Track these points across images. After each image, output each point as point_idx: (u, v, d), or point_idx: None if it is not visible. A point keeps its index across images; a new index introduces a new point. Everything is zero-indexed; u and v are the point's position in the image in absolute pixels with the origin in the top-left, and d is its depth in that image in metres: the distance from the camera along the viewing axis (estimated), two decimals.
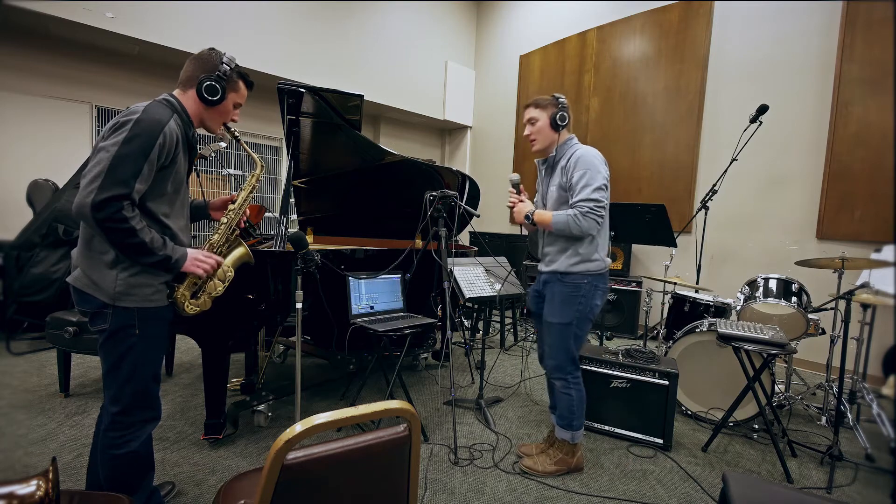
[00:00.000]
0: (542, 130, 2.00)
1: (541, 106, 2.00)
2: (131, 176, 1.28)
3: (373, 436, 0.88)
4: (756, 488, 1.24)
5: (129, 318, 1.38)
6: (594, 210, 1.83)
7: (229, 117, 1.58)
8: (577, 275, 1.96)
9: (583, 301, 1.97)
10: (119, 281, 1.36)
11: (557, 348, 2.02)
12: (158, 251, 1.35)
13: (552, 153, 2.03)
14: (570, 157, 1.95)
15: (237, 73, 1.54)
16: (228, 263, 1.62)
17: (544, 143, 2.01)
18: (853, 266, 2.44)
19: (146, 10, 4.03)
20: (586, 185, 1.85)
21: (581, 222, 1.83)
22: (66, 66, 4.30)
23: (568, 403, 2.04)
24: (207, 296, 1.56)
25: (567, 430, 2.07)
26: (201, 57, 1.50)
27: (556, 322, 2.00)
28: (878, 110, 3.46)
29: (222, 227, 1.63)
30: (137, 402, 1.45)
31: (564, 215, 1.88)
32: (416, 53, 6.41)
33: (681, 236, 3.83)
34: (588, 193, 1.84)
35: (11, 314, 3.48)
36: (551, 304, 2.03)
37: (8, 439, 2.17)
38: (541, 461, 2.10)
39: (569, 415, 2.05)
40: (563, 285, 1.99)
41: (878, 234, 3.44)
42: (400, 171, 3.00)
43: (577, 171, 1.88)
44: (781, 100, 3.88)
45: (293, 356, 3.46)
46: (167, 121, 1.36)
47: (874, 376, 2.95)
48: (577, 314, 1.97)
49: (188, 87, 1.48)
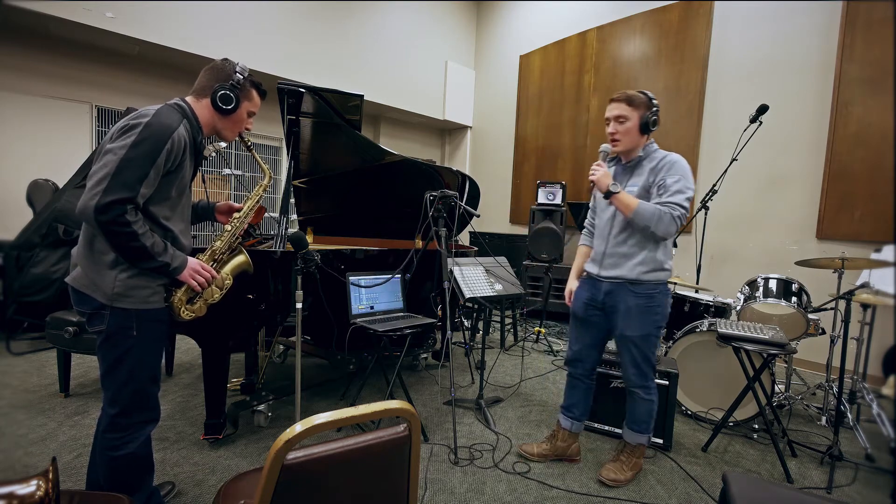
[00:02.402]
0: (629, 132, 1.86)
1: (633, 104, 1.84)
2: (137, 180, 1.28)
3: (373, 436, 0.88)
4: (756, 488, 1.24)
5: (126, 320, 1.38)
6: (683, 218, 1.75)
7: (243, 126, 1.61)
8: (650, 284, 1.88)
9: (659, 311, 1.91)
10: (117, 282, 1.36)
11: (642, 361, 1.95)
12: (158, 256, 1.35)
13: (634, 156, 1.92)
14: (661, 158, 1.86)
15: (250, 83, 1.56)
16: (227, 271, 1.63)
17: (629, 144, 1.89)
18: (853, 266, 2.44)
19: (146, 10, 4.03)
20: (680, 190, 1.77)
21: (668, 222, 1.74)
22: (66, 66, 4.31)
23: (649, 410, 2.01)
24: (203, 302, 1.56)
25: (644, 434, 2.05)
26: (216, 67, 1.52)
27: (638, 335, 1.92)
28: (878, 110, 3.46)
29: (226, 234, 1.65)
30: (136, 404, 1.44)
31: (654, 207, 1.76)
32: (416, 53, 6.41)
33: (681, 236, 3.83)
34: (682, 199, 1.76)
35: (11, 314, 3.48)
36: (628, 317, 1.92)
37: (8, 439, 2.17)
38: (618, 470, 2.04)
39: (648, 419, 2.02)
40: (637, 297, 1.89)
41: (878, 234, 3.44)
42: (400, 171, 3.00)
43: (673, 173, 1.80)
44: (781, 100, 3.88)
45: (293, 356, 3.45)
46: (177, 126, 1.36)
47: (874, 376, 2.95)
48: (655, 324, 1.91)
49: (202, 96, 1.50)
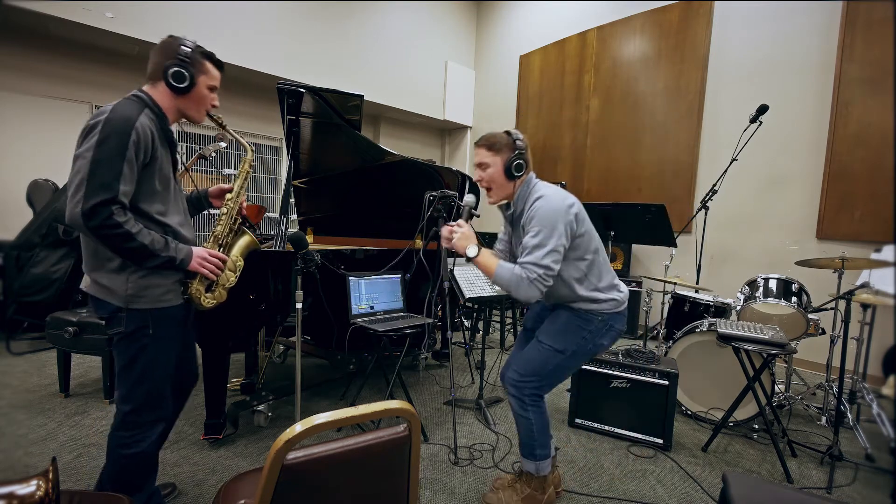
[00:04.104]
0: (494, 179, 1.70)
1: (493, 149, 1.68)
2: (113, 179, 1.26)
3: (373, 436, 0.88)
4: (756, 488, 1.24)
5: (143, 320, 1.39)
6: (542, 278, 1.54)
7: (208, 102, 1.50)
8: (591, 312, 1.71)
9: (587, 337, 1.71)
10: (130, 284, 1.36)
11: (530, 364, 1.73)
12: (161, 252, 1.35)
13: (512, 207, 1.76)
14: (528, 208, 1.66)
15: (201, 54, 1.44)
16: (236, 253, 1.62)
17: (500, 193, 1.74)
18: (853, 266, 2.44)
19: (146, 10, 4.03)
20: (538, 245, 1.56)
21: (525, 287, 1.55)
22: (66, 66, 4.30)
23: (527, 428, 1.74)
24: (222, 288, 1.56)
25: (530, 459, 1.76)
26: (161, 46, 1.42)
27: (548, 344, 1.72)
28: (878, 110, 3.46)
29: (223, 217, 1.62)
30: (148, 403, 1.45)
31: (510, 271, 1.58)
32: (416, 53, 6.41)
33: (681, 236, 3.82)
34: (539, 258, 1.55)
35: (11, 314, 3.48)
36: (550, 325, 1.76)
37: (8, 439, 2.17)
38: (506, 497, 1.79)
39: (529, 441, 1.75)
40: (573, 313, 1.73)
41: (878, 234, 3.45)
42: (400, 171, 3.00)
43: (533, 226, 1.60)
44: (781, 100, 3.88)
45: (293, 356, 3.45)
46: (137, 116, 1.31)
47: (874, 376, 2.95)
48: (576, 347, 1.71)
49: (157, 80, 1.42)
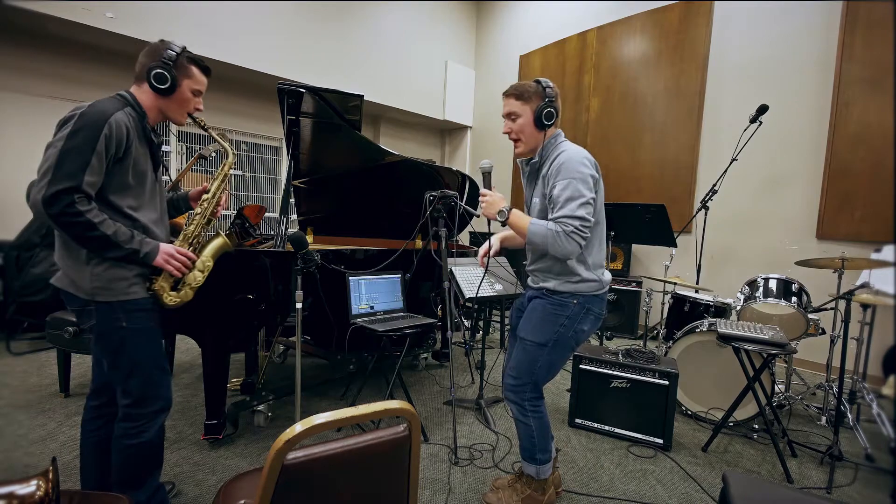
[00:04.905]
0: (524, 129, 1.65)
1: (523, 97, 1.63)
2: (79, 169, 1.27)
3: (373, 436, 0.88)
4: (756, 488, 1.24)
5: (112, 313, 1.38)
6: (579, 230, 1.49)
7: (190, 106, 1.53)
8: (567, 294, 1.66)
9: (566, 323, 1.66)
10: (94, 276, 1.36)
11: (521, 366, 1.72)
12: (125, 244, 1.34)
13: (536, 157, 1.71)
14: (553, 160, 1.61)
15: (188, 59, 1.48)
16: (207, 254, 1.62)
17: (529, 144, 1.68)
18: (853, 266, 2.44)
19: (146, 10, 4.03)
20: (570, 198, 1.51)
21: (563, 242, 1.49)
22: (66, 66, 4.30)
23: (527, 433, 1.75)
24: (189, 287, 1.55)
25: (531, 463, 1.77)
26: (149, 48, 1.46)
27: (529, 340, 1.70)
28: (878, 110, 3.46)
29: (196, 217, 1.62)
30: (147, 393, 1.47)
31: (545, 227, 1.53)
32: (416, 53, 6.41)
33: (681, 236, 3.82)
34: (573, 210, 1.50)
35: (11, 314, 3.48)
36: (528, 318, 1.74)
37: (8, 439, 2.17)
38: (506, 497, 1.80)
39: (530, 446, 1.76)
40: (547, 301, 1.69)
41: (878, 234, 3.44)
42: (400, 171, 2.99)
43: (561, 178, 1.54)
44: (781, 100, 3.87)
45: (293, 356, 3.45)
46: (112, 112, 1.33)
47: (874, 376, 2.95)
48: (556, 336, 1.67)
49: (141, 81, 1.45)
